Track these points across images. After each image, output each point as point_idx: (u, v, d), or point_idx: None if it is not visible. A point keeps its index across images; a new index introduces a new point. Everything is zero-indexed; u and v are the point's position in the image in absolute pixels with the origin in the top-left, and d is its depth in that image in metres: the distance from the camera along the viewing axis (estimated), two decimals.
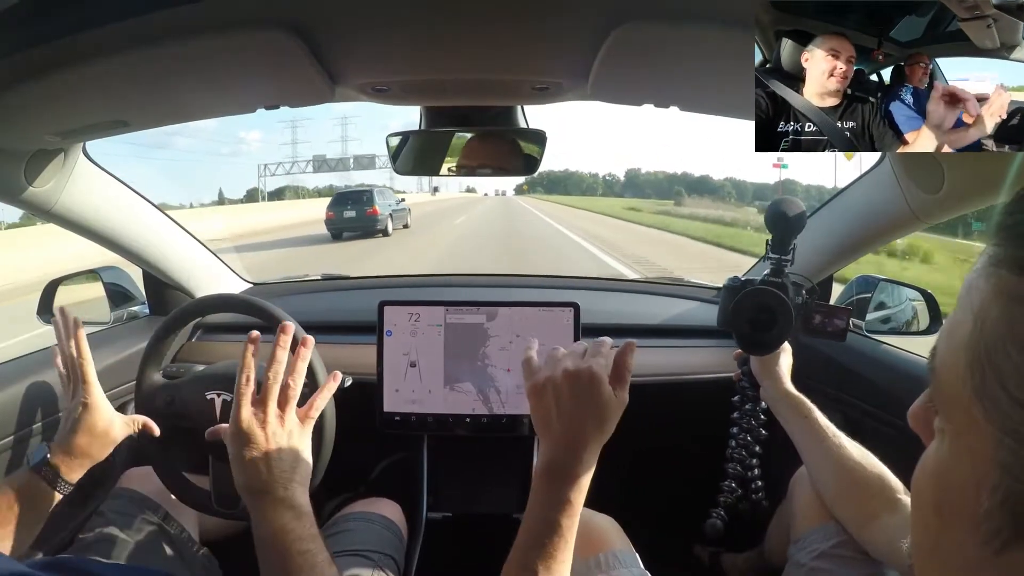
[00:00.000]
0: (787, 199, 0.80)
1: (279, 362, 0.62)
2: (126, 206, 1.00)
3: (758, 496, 0.90)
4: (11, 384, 0.83)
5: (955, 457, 0.23)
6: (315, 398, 0.66)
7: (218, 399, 0.81)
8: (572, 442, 0.52)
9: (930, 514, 0.25)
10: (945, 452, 0.24)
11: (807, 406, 0.75)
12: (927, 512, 0.25)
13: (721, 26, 0.49)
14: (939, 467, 0.24)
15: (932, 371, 0.25)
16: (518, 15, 0.52)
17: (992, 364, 0.20)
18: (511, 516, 0.98)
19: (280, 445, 0.60)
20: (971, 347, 0.21)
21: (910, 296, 1.04)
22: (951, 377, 0.23)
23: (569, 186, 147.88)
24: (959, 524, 0.23)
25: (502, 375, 0.95)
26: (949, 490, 0.24)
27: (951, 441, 0.23)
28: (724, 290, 0.86)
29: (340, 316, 1.19)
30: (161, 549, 0.80)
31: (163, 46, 0.52)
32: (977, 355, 0.21)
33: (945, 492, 0.24)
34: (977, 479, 0.21)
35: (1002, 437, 0.20)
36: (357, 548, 0.79)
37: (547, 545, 0.51)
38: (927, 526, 0.26)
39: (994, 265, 0.21)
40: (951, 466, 0.23)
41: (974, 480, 0.21)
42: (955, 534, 0.23)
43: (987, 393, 0.21)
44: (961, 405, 0.22)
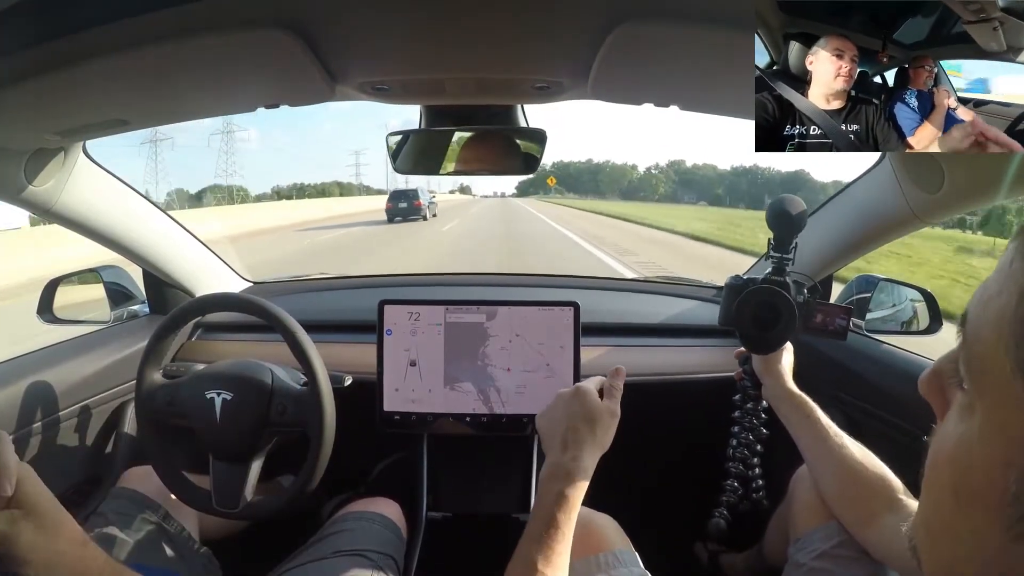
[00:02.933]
0: (789, 198, 0.80)
1: None
2: (126, 205, 1.00)
3: (759, 495, 0.90)
4: (11, 384, 0.83)
5: (984, 435, 0.22)
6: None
7: (218, 399, 0.81)
8: (562, 444, 0.62)
9: (947, 495, 0.24)
10: (973, 429, 0.22)
11: (809, 405, 0.75)
12: (943, 492, 0.24)
13: (721, 26, 0.49)
14: (962, 445, 0.23)
15: (965, 341, 0.23)
16: (518, 14, 0.52)
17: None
18: (511, 516, 0.98)
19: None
20: (1019, 321, 0.20)
21: (910, 296, 1.05)
22: (989, 350, 0.21)
23: (601, 183, 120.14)
24: (978, 506, 0.22)
25: (502, 374, 0.95)
26: (971, 470, 0.22)
27: (982, 417, 0.22)
28: (726, 288, 0.86)
29: (340, 315, 1.19)
30: (161, 549, 0.80)
31: (163, 45, 0.52)
32: (1021, 335, 0.20)
33: (966, 472, 0.23)
34: (1005, 461, 0.20)
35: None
36: (357, 548, 0.79)
37: (545, 538, 0.56)
38: (940, 506, 0.24)
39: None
40: (977, 444, 0.22)
41: (1001, 462, 0.20)
42: (971, 517, 0.22)
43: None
44: (1000, 380, 0.21)
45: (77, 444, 0.94)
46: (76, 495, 0.93)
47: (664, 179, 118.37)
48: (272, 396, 0.82)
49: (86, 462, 0.96)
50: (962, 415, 0.23)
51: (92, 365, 0.96)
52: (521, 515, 0.98)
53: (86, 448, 0.96)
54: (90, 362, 0.96)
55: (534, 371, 0.95)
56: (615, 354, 1.09)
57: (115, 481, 0.88)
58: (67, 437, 0.92)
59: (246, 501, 0.81)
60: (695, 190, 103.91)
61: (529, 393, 0.95)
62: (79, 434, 0.94)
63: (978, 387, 0.22)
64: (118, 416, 1.01)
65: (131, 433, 1.01)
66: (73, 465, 0.94)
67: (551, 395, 0.94)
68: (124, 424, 1.01)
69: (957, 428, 0.23)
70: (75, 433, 0.94)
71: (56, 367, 0.90)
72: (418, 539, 0.94)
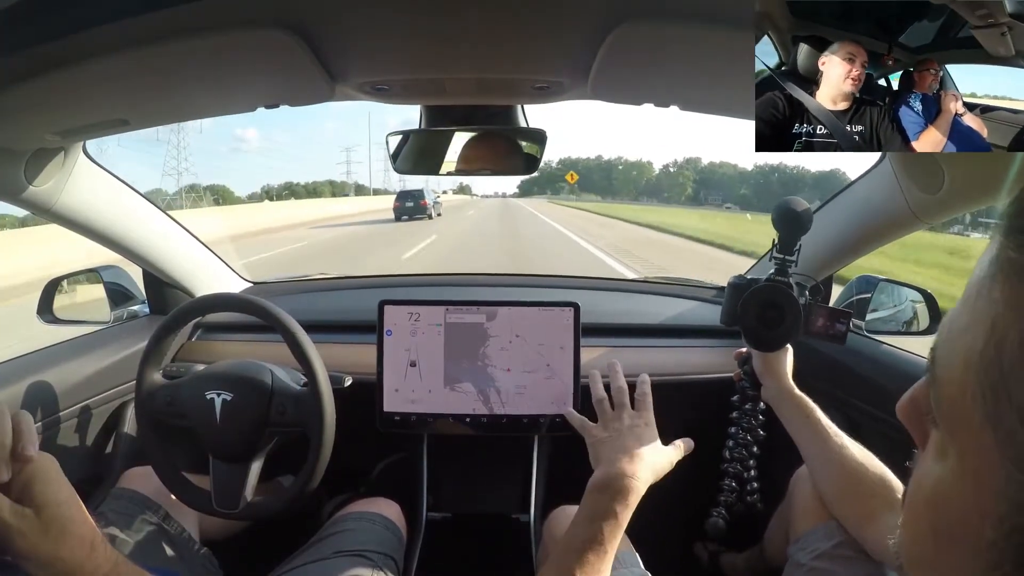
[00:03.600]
0: (794, 199, 0.80)
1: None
2: (126, 205, 1.00)
3: (753, 498, 0.90)
4: (11, 384, 0.83)
5: (958, 479, 0.21)
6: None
7: (218, 399, 0.81)
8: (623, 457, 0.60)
9: (926, 533, 0.23)
10: (946, 472, 0.22)
11: (809, 406, 0.75)
12: (922, 531, 0.23)
13: (721, 26, 0.49)
14: (938, 488, 0.22)
15: (934, 381, 0.22)
16: (518, 14, 0.52)
17: (1009, 392, 0.18)
18: (511, 516, 0.98)
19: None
20: (985, 368, 0.19)
21: (910, 296, 1.05)
22: (958, 393, 0.20)
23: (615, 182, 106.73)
24: (957, 549, 0.21)
25: (502, 375, 0.95)
26: (949, 514, 0.22)
27: (955, 462, 0.21)
28: (729, 288, 0.86)
29: (340, 315, 1.19)
30: (161, 549, 0.80)
31: (163, 45, 0.52)
32: (992, 380, 0.19)
33: (944, 516, 0.22)
34: (981, 509, 0.20)
35: (1013, 471, 0.18)
36: (357, 548, 0.79)
37: (587, 552, 0.53)
38: (920, 542, 0.24)
39: (1007, 273, 0.19)
40: (952, 489, 0.21)
41: (977, 509, 0.20)
42: (951, 557, 0.22)
43: (1001, 423, 0.19)
44: (970, 426, 0.20)
45: (77, 444, 0.94)
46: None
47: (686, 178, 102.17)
48: (272, 396, 0.82)
49: (86, 462, 0.96)
50: (937, 455, 0.23)
51: (92, 365, 0.96)
52: (521, 515, 0.98)
53: (86, 448, 0.96)
54: (90, 362, 0.96)
55: (534, 371, 0.95)
56: (615, 354, 1.09)
57: (115, 481, 0.88)
58: (67, 437, 0.92)
59: (246, 501, 0.81)
60: (719, 190, 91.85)
61: (529, 393, 0.95)
62: (79, 434, 0.94)
63: (949, 431, 0.22)
64: (118, 416, 1.01)
65: (131, 433, 1.01)
66: (73, 465, 0.94)
67: (551, 395, 0.95)
68: (124, 424, 1.01)
69: (933, 469, 0.23)
70: (75, 433, 0.93)
71: (56, 367, 0.90)
72: (418, 539, 0.94)
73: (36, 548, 0.44)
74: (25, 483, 0.45)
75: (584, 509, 0.57)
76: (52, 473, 0.47)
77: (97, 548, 0.48)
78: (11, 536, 0.43)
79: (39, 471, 0.46)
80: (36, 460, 0.46)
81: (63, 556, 0.45)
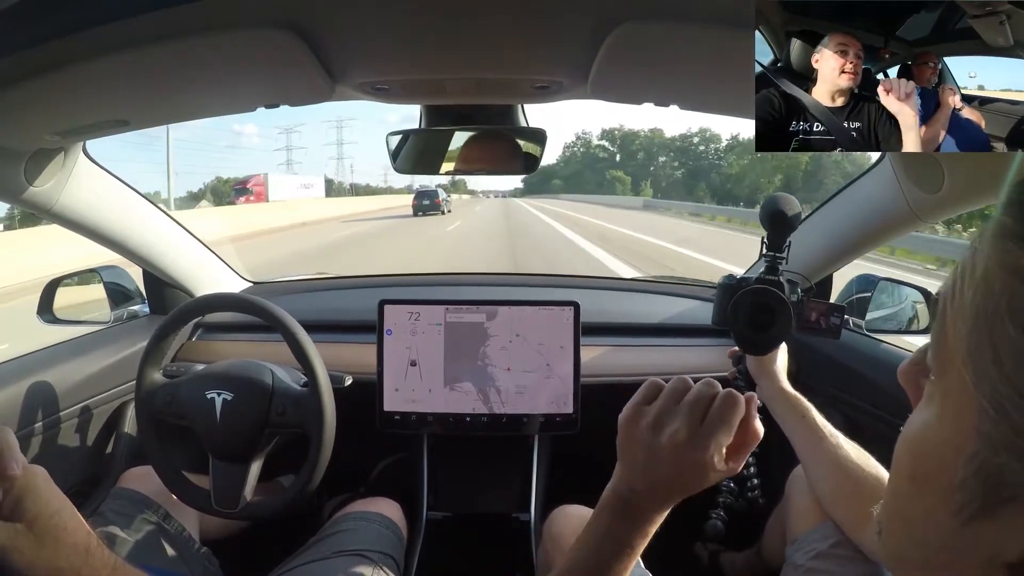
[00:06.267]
0: (781, 196, 0.79)
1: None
2: (126, 205, 0.99)
3: (754, 495, 0.90)
4: (11, 384, 0.83)
5: (939, 421, 0.23)
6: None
7: (218, 398, 0.81)
8: (657, 488, 0.45)
9: (904, 480, 0.25)
10: (930, 416, 0.24)
11: (804, 405, 0.75)
12: (902, 478, 0.25)
13: (721, 25, 0.49)
14: (920, 431, 0.24)
15: (934, 328, 0.24)
16: (518, 14, 0.52)
17: (989, 334, 0.20)
18: (511, 516, 0.98)
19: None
20: (972, 313, 0.21)
21: (910, 295, 1.05)
22: (951, 336, 0.22)
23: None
24: (931, 491, 0.23)
25: (502, 374, 0.95)
26: (926, 455, 0.23)
27: (939, 403, 0.23)
28: (720, 288, 0.86)
29: (340, 315, 1.19)
30: (161, 549, 0.80)
31: (163, 45, 0.52)
32: (977, 322, 0.21)
33: (922, 457, 0.24)
34: (956, 446, 0.21)
35: (986, 406, 0.20)
36: (357, 548, 0.79)
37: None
38: (898, 492, 0.26)
39: (1000, 236, 0.21)
40: (933, 430, 0.23)
41: (953, 447, 0.21)
42: (925, 501, 0.23)
43: (980, 361, 0.21)
44: (955, 366, 0.22)
45: (77, 444, 0.94)
46: (76, 495, 0.93)
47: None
48: (272, 396, 0.82)
49: (86, 462, 0.96)
50: (926, 402, 0.24)
51: (92, 365, 0.96)
52: (521, 515, 0.98)
53: (86, 448, 0.96)
54: (90, 362, 0.96)
55: (534, 371, 0.95)
56: (615, 354, 1.09)
57: (115, 481, 0.88)
58: (67, 437, 0.92)
59: (246, 501, 0.82)
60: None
61: (529, 393, 0.95)
62: (79, 434, 0.94)
63: (940, 371, 0.24)
64: (118, 416, 1.01)
65: (131, 433, 1.01)
66: (73, 465, 0.94)
67: (551, 394, 0.95)
68: (124, 424, 1.01)
69: (920, 415, 0.25)
70: (75, 433, 0.94)
71: (56, 367, 0.90)
72: (418, 539, 0.94)
73: (33, 562, 0.44)
74: (16, 500, 0.44)
75: (597, 530, 0.46)
76: (42, 486, 0.46)
77: (93, 553, 0.47)
78: (7, 555, 0.43)
79: (28, 486, 0.45)
80: (24, 475, 0.45)
81: (60, 566, 0.45)
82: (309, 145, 77.87)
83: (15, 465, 0.45)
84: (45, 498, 0.46)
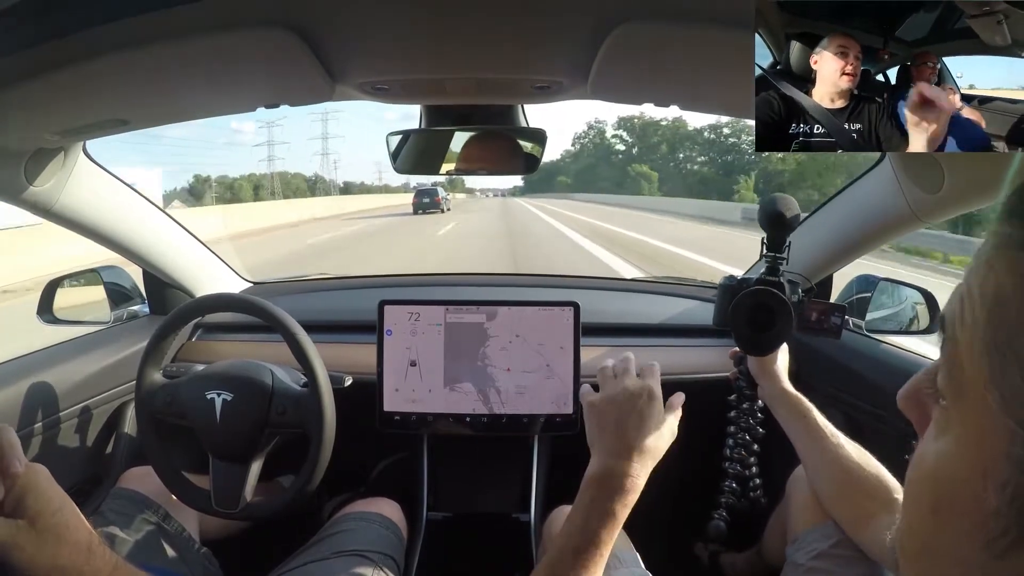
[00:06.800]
0: (780, 197, 0.79)
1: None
2: (126, 205, 0.99)
3: (756, 494, 0.90)
4: (11, 384, 0.83)
5: (961, 449, 0.21)
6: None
7: (218, 399, 0.81)
8: (624, 451, 0.54)
9: (926, 514, 0.23)
10: (949, 444, 0.22)
11: (805, 405, 0.75)
12: (922, 512, 0.23)
13: (721, 26, 0.49)
14: (940, 461, 0.22)
15: (943, 352, 0.23)
16: (518, 14, 0.52)
17: (1013, 351, 0.19)
18: (511, 516, 0.98)
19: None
20: (990, 333, 0.20)
21: (911, 295, 1.04)
22: (965, 357, 0.21)
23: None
24: (958, 524, 0.21)
25: (502, 375, 0.95)
26: (951, 485, 0.22)
27: (958, 430, 0.22)
28: (720, 289, 0.86)
29: (340, 315, 1.19)
30: (161, 549, 0.80)
31: (163, 45, 0.52)
32: (996, 341, 0.20)
33: (946, 488, 0.22)
34: (984, 473, 0.20)
35: (1017, 429, 0.19)
36: (357, 548, 0.79)
37: (581, 555, 0.50)
38: (919, 526, 0.24)
39: (1005, 247, 0.20)
40: (955, 459, 0.22)
41: (980, 474, 0.20)
42: (951, 535, 0.22)
43: (1006, 381, 0.19)
44: (975, 391, 0.20)
45: (77, 444, 0.94)
46: (76, 495, 0.92)
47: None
48: (272, 397, 0.82)
49: (86, 462, 0.96)
50: (940, 430, 0.23)
51: (92, 365, 0.96)
52: (521, 515, 0.98)
53: (86, 448, 0.96)
54: (90, 362, 0.96)
55: (534, 371, 0.95)
56: (615, 354, 1.09)
57: (115, 481, 0.88)
58: (67, 437, 0.92)
59: (246, 501, 0.82)
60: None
61: (529, 393, 0.95)
62: (79, 434, 0.94)
63: (954, 398, 0.22)
64: (118, 416, 1.01)
65: (131, 433, 1.01)
66: (73, 465, 0.94)
67: (551, 395, 0.95)
68: (124, 424, 1.01)
69: (935, 444, 0.23)
70: (75, 433, 0.94)
71: (56, 367, 0.90)
72: (418, 539, 0.94)
73: (34, 560, 0.44)
74: (18, 497, 0.45)
75: (580, 506, 0.53)
76: (43, 483, 0.47)
77: (95, 551, 0.48)
78: (9, 552, 0.43)
79: (30, 484, 0.46)
80: (26, 473, 0.46)
81: (62, 563, 0.45)
82: (292, 140, 76.78)
83: (17, 463, 0.45)
84: (47, 496, 0.46)
